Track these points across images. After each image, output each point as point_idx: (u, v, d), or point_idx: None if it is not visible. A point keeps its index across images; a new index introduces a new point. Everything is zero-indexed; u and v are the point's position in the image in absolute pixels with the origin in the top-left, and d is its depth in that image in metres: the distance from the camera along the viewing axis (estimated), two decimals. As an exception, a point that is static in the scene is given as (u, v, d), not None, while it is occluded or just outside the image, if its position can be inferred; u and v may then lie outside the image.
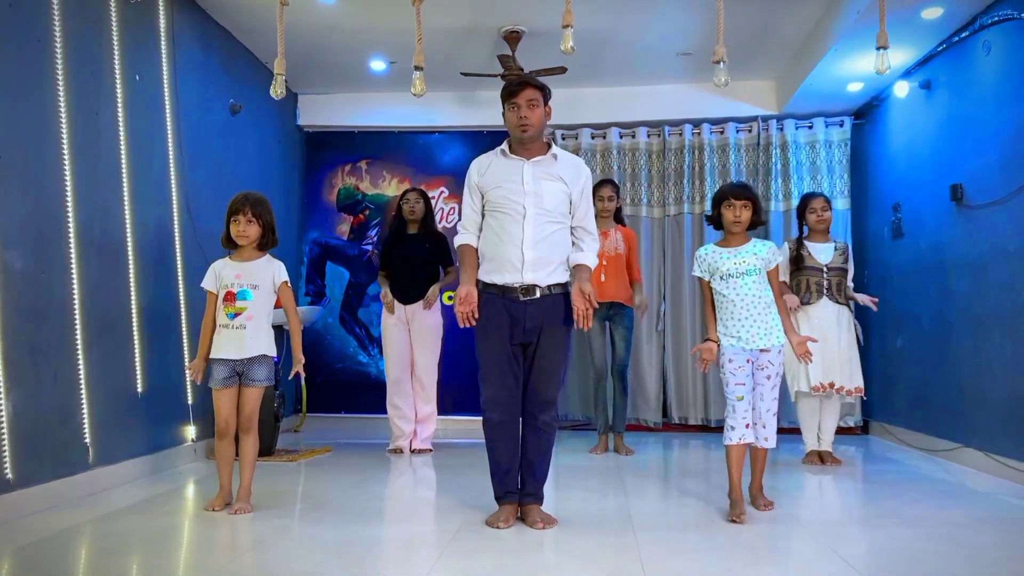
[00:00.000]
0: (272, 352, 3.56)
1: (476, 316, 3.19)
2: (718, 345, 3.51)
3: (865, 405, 6.16)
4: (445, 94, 6.49)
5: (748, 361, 3.46)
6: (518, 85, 3.26)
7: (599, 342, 5.27)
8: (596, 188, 5.38)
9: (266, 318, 3.56)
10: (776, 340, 3.48)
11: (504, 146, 3.33)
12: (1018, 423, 4.14)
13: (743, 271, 3.48)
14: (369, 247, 6.83)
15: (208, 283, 3.55)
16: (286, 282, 3.60)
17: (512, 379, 3.25)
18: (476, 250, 3.32)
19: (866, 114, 6.32)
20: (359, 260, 6.85)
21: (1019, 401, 4.14)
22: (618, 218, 5.40)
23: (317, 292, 6.85)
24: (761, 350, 3.47)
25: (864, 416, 6.21)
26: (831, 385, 4.66)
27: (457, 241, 3.38)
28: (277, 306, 5.45)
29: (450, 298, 6.66)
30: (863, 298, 4.78)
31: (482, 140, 6.59)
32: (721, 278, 3.51)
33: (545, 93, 3.29)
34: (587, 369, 5.69)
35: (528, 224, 3.19)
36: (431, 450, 5.25)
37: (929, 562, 2.77)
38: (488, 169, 3.31)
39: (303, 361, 3.61)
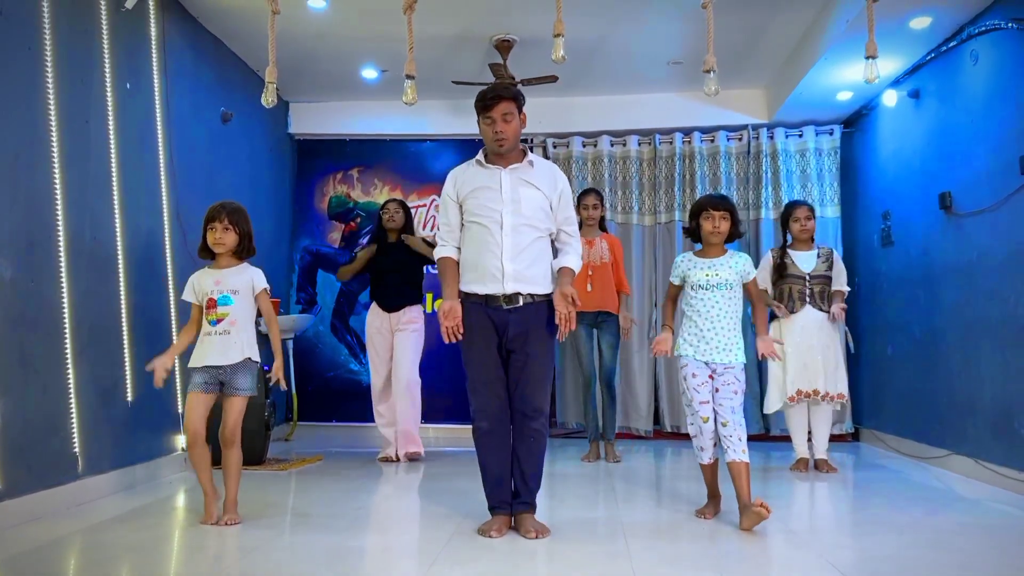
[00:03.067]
0: (256, 356, 3.51)
1: (460, 331, 3.19)
2: (672, 335, 3.57)
3: (856, 412, 6.18)
4: (436, 102, 6.50)
5: (710, 377, 3.48)
6: (492, 99, 3.22)
7: (586, 349, 5.27)
8: (580, 197, 5.41)
9: (249, 322, 3.52)
10: (736, 359, 3.47)
11: (480, 156, 3.34)
12: (1007, 430, 4.16)
13: (715, 284, 3.49)
14: (360, 255, 6.82)
15: (188, 295, 3.52)
16: (265, 290, 3.56)
17: (500, 387, 3.25)
18: (456, 263, 3.32)
19: (855, 123, 6.35)
20: (350, 268, 6.83)
21: (1008, 408, 4.16)
22: (602, 226, 5.44)
23: (308, 300, 6.83)
24: (726, 367, 3.47)
25: (855, 423, 6.23)
26: (815, 392, 4.67)
27: (436, 254, 3.37)
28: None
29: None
30: (836, 309, 4.78)
31: (473, 148, 6.53)
32: (692, 288, 3.53)
33: (519, 102, 3.27)
34: (580, 377, 5.69)
35: (507, 235, 3.18)
36: (420, 453, 5.20)
37: (919, 569, 2.77)
38: (465, 179, 3.32)
39: (280, 378, 3.54)
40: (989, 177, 4.38)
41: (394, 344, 5.22)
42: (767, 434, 6.24)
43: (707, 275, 3.50)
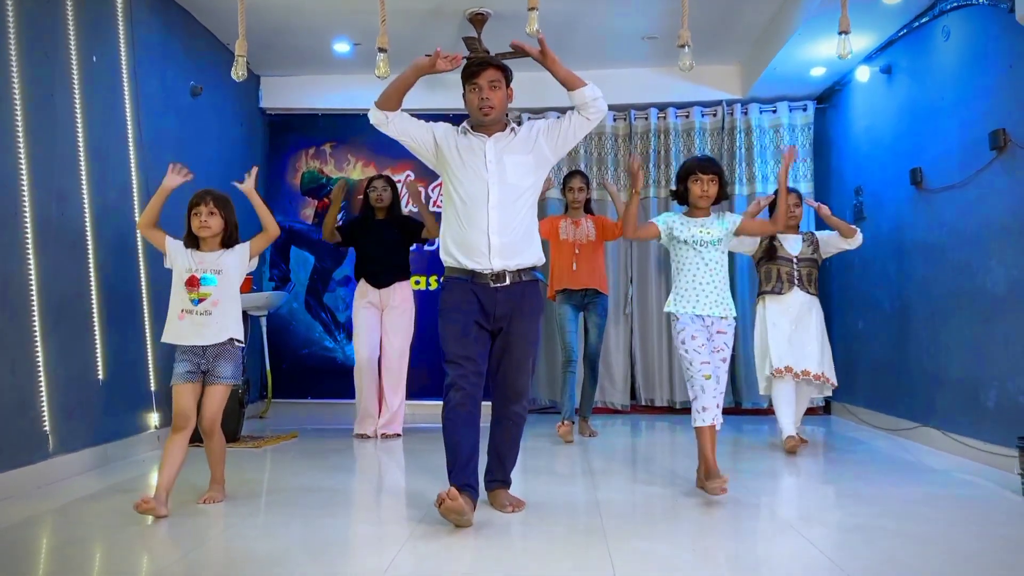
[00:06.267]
0: (240, 336, 3.41)
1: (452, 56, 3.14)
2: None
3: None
4: (410, 77, 6.43)
5: (708, 338, 3.49)
6: (479, 65, 3.20)
7: (571, 327, 5.23)
8: (565, 179, 5.39)
9: (232, 302, 3.40)
10: (730, 311, 3.51)
11: (466, 124, 3.28)
12: (974, 402, 4.23)
13: (708, 240, 3.51)
14: (334, 231, 6.77)
15: (170, 242, 3.40)
16: (250, 241, 3.49)
17: (476, 364, 3.13)
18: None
19: (829, 98, 6.38)
20: (324, 244, 6.78)
21: (975, 381, 4.24)
22: (587, 208, 5.42)
23: (281, 277, 6.78)
24: (718, 331, 3.49)
25: (826, 397, 6.31)
26: (805, 373, 4.71)
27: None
28: (244, 290, 5.32)
29: (416, 283, 6.64)
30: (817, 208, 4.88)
31: (448, 123, 6.55)
32: (685, 242, 3.53)
33: (507, 74, 3.24)
34: (555, 354, 5.71)
35: (492, 209, 3.14)
36: (400, 435, 5.25)
37: (886, 539, 2.83)
38: (451, 139, 3.25)
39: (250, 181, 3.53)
40: (959, 153, 4.43)
41: (384, 324, 5.20)
42: (739, 407, 6.31)
43: (700, 231, 3.51)
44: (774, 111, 6.47)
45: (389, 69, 4.02)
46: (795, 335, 4.72)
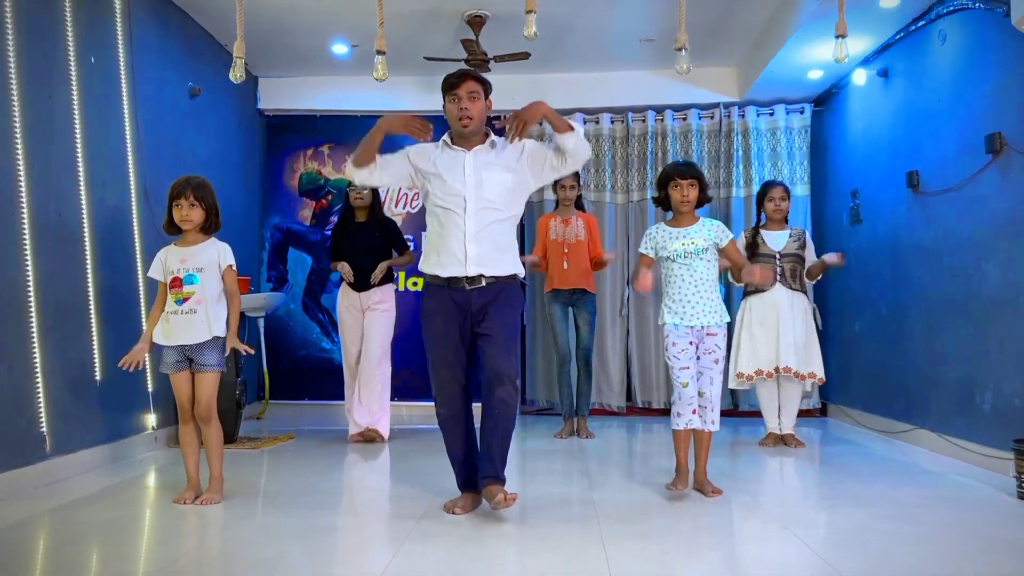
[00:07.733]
0: (223, 333, 3.45)
1: (426, 124, 3.25)
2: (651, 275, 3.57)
3: (823, 388, 6.26)
4: (408, 79, 6.44)
5: (691, 344, 3.51)
6: (459, 77, 3.27)
7: (562, 327, 5.29)
8: None
9: (216, 300, 3.45)
10: (720, 319, 3.52)
11: (446, 137, 3.34)
12: (969, 405, 4.25)
13: (690, 251, 3.51)
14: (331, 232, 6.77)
15: (155, 272, 3.47)
16: (231, 266, 3.49)
17: (459, 370, 3.25)
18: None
19: (826, 101, 6.40)
20: (321, 245, 6.79)
21: (970, 383, 4.25)
22: (579, 205, 5.43)
23: (279, 278, 6.79)
24: (708, 333, 3.50)
25: (822, 399, 6.32)
26: (787, 370, 4.74)
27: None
28: (241, 291, 5.35)
29: (414, 283, 6.65)
30: (829, 257, 4.81)
31: (445, 125, 6.53)
32: (669, 258, 3.55)
33: (486, 86, 3.31)
34: (552, 354, 5.72)
35: (469, 218, 3.19)
36: (384, 439, 5.12)
37: (881, 541, 2.84)
38: (431, 157, 3.31)
39: (240, 346, 3.49)
40: (955, 156, 4.44)
41: (365, 324, 5.18)
42: (736, 409, 6.32)
43: (683, 244, 3.52)
44: (771, 114, 6.49)
45: (387, 71, 4.02)
46: (777, 334, 4.74)
